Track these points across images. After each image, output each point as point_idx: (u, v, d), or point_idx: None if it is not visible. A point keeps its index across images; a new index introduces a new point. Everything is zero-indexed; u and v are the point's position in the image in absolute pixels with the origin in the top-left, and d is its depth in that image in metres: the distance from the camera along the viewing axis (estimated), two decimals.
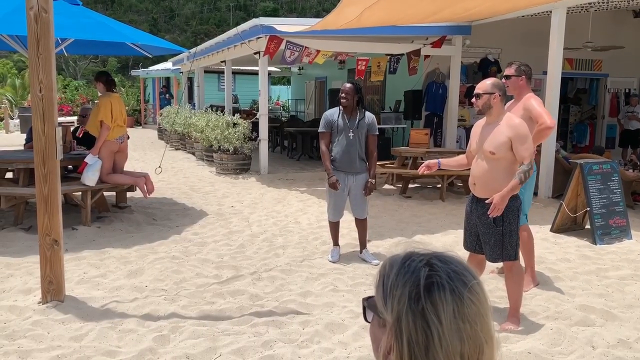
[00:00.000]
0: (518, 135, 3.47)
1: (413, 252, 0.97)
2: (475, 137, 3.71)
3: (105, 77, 6.42)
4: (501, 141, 3.48)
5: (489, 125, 3.60)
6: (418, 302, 0.89)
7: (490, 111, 3.56)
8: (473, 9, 7.53)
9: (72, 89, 28.70)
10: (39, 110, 3.73)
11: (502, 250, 3.54)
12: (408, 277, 0.92)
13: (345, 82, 5.14)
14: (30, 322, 3.59)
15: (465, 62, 10.84)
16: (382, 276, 0.96)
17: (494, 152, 3.49)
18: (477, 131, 3.70)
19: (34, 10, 3.63)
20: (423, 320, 0.88)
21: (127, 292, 4.22)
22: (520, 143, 3.47)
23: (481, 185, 3.59)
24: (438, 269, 0.92)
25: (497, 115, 3.56)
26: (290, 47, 9.29)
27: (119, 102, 6.42)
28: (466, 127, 11.34)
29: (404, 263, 0.94)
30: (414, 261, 0.94)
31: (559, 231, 6.14)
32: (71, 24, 5.57)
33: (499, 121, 3.55)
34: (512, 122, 3.52)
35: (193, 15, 70.41)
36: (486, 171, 3.56)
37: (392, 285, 0.93)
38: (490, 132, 3.56)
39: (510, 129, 3.48)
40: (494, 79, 3.68)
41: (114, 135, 6.29)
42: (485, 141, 3.56)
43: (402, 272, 0.93)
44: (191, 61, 15.96)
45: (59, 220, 3.89)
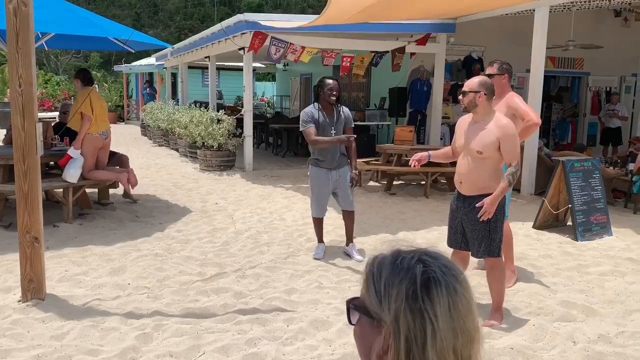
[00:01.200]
0: (506, 135, 3.47)
1: (400, 250, 0.97)
2: (461, 133, 3.70)
3: (83, 74, 6.40)
4: (489, 141, 3.48)
5: (475, 124, 3.59)
6: (416, 299, 0.89)
7: (475, 109, 3.55)
8: (458, 5, 7.56)
9: (54, 84, 28.28)
10: (19, 106, 3.66)
11: (488, 246, 3.58)
12: (403, 275, 0.91)
13: (326, 79, 4.99)
14: (10, 321, 3.53)
15: (449, 59, 10.90)
16: (372, 276, 0.94)
17: (482, 151, 3.49)
18: (463, 128, 3.69)
19: (13, 3, 3.56)
20: (421, 317, 0.88)
21: (110, 290, 4.18)
22: (508, 144, 3.47)
23: (468, 184, 3.60)
24: (431, 265, 0.92)
25: (483, 114, 3.55)
26: (275, 44, 9.25)
27: (98, 96, 6.39)
28: (450, 124, 11.40)
29: (394, 261, 0.94)
30: (404, 259, 0.94)
31: (541, 228, 6.21)
32: (52, 18, 5.48)
33: (487, 120, 3.54)
34: (500, 122, 3.51)
35: (177, 11, 69.79)
36: (473, 170, 3.56)
37: (386, 284, 0.92)
38: (477, 130, 3.55)
39: (499, 129, 3.47)
40: (483, 77, 3.68)
41: (97, 128, 6.23)
42: (472, 140, 3.55)
43: (396, 270, 0.92)
44: (175, 56, 15.83)
45: (40, 218, 3.83)
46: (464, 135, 3.64)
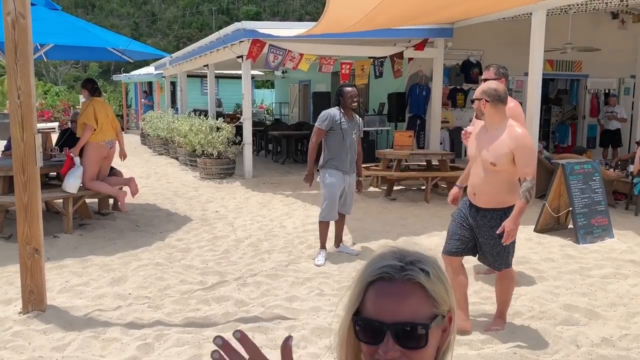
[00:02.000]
0: (521, 147, 3.26)
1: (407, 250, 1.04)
2: (473, 142, 3.53)
3: (91, 85, 6.39)
4: (502, 152, 3.28)
5: (487, 132, 3.42)
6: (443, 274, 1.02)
7: (483, 117, 3.41)
8: (455, 10, 7.59)
9: (53, 95, 28.34)
10: (18, 117, 3.67)
11: (505, 259, 3.47)
12: (434, 262, 1.02)
13: (345, 87, 5.15)
14: (11, 333, 3.52)
15: (447, 64, 10.92)
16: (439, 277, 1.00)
17: (495, 163, 3.31)
18: (475, 136, 3.53)
19: (11, 15, 3.57)
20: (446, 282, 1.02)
21: (111, 300, 4.17)
22: (523, 156, 3.26)
23: (483, 196, 3.42)
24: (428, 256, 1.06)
25: (490, 121, 3.38)
26: (273, 51, 9.27)
27: (102, 106, 6.34)
28: (449, 128, 11.42)
29: (431, 259, 1.02)
30: (424, 252, 1.04)
31: (543, 231, 6.19)
32: (50, 30, 5.50)
33: (499, 129, 3.34)
34: (515, 132, 3.28)
35: (175, 20, 70.03)
36: (487, 182, 3.39)
37: (445, 277, 1.01)
38: (489, 140, 3.37)
39: (513, 140, 3.26)
40: (491, 84, 3.46)
41: (103, 137, 6.22)
42: (483, 149, 3.38)
43: (436, 263, 1.02)
44: (173, 65, 15.87)
45: (40, 229, 3.83)
46: (475, 143, 3.48)
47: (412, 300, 0.96)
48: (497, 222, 3.34)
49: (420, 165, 9.11)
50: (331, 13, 6.22)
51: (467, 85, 11.42)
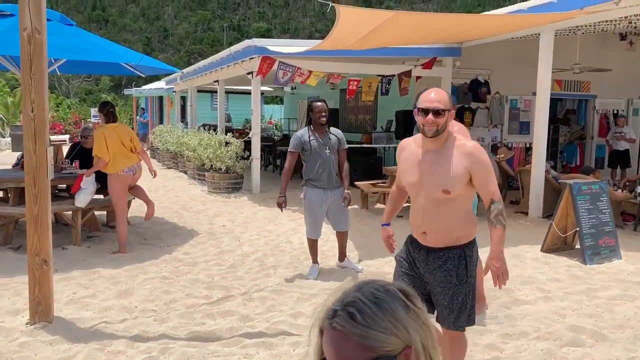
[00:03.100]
0: (479, 164, 2.63)
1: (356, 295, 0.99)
2: (410, 167, 2.77)
3: (106, 109, 6.06)
4: (457, 175, 2.62)
5: (432, 154, 2.70)
6: (409, 309, 0.99)
7: (443, 133, 2.68)
8: (465, 32, 7.66)
9: (65, 108, 28.68)
10: (31, 130, 3.73)
11: (463, 315, 2.70)
12: (390, 300, 0.97)
13: (315, 102, 5.16)
14: (18, 344, 3.54)
15: (455, 83, 10.97)
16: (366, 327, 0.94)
17: (449, 190, 2.63)
18: (413, 159, 2.76)
19: (27, 31, 3.66)
20: (418, 318, 0.99)
21: (117, 312, 4.19)
22: (484, 174, 2.64)
23: (436, 235, 2.70)
24: (387, 283, 1.03)
25: (442, 139, 2.69)
26: (282, 68, 9.37)
27: (115, 132, 5.94)
28: None
29: (374, 299, 0.97)
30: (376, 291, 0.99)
31: (549, 251, 6.17)
32: (64, 45, 5.60)
33: (445, 147, 2.69)
34: (466, 147, 2.65)
35: (187, 35, 70.94)
36: (439, 216, 2.69)
37: (388, 318, 0.95)
38: (435, 163, 2.67)
39: (467, 157, 2.63)
40: (437, 89, 2.78)
41: (120, 166, 5.87)
42: (432, 176, 2.67)
43: (383, 303, 0.97)
44: (184, 80, 16.05)
45: (49, 240, 3.87)
46: (417, 170, 2.73)
47: (342, 348, 0.94)
48: (454, 263, 2.66)
49: None
50: (340, 30, 6.31)
51: (475, 104, 11.46)
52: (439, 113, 2.63)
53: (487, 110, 11.60)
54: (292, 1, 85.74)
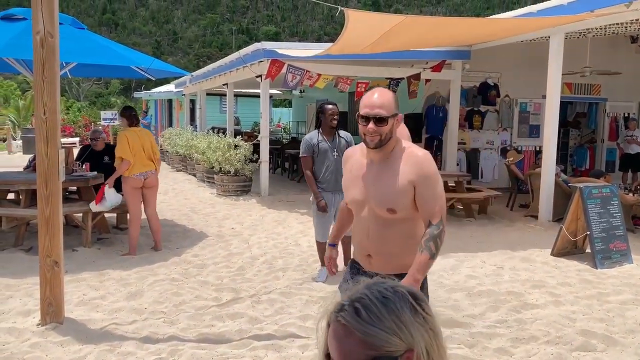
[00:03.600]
0: (424, 175, 2.24)
1: (362, 293, 0.99)
2: (355, 181, 2.39)
3: (129, 112, 6.14)
4: (402, 190, 2.24)
5: (377, 166, 2.32)
6: (416, 312, 0.98)
7: (389, 142, 2.28)
8: (476, 34, 7.65)
9: (75, 111, 28.91)
10: (43, 133, 3.77)
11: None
12: (397, 301, 0.97)
13: (326, 105, 5.19)
14: (29, 345, 3.57)
15: (465, 86, 10.95)
16: (370, 325, 0.94)
17: (394, 208, 2.25)
18: (357, 172, 2.40)
19: (40, 35, 3.69)
20: (426, 323, 0.98)
21: (127, 314, 4.21)
22: (427, 189, 2.23)
23: (381, 259, 2.36)
24: (398, 284, 1.03)
25: (389, 148, 2.30)
26: (291, 71, 9.39)
27: (138, 136, 5.96)
28: (466, 150, 11.41)
29: (381, 298, 0.97)
30: (385, 291, 0.99)
31: (560, 255, 6.13)
32: (76, 48, 5.65)
33: (393, 156, 2.30)
34: (414, 156, 2.27)
35: (196, 38, 71.31)
36: (385, 238, 2.33)
37: (393, 318, 0.95)
38: (381, 176, 2.29)
39: (413, 168, 2.24)
40: (382, 89, 2.34)
41: (135, 170, 5.88)
42: (373, 191, 2.30)
43: (390, 303, 0.97)
44: (193, 84, 16.13)
45: (60, 242, 3.90)
46: (361, 184, 2.35)
47: (344, 342, 0.95)
48: None
49: None
50: (349, 34, 6.33)
51: (485, 107, 11.43)
52: (381, 120, 2.22)
53: (496, 113, 11.57)
54: (300, 4, 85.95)
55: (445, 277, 5.33)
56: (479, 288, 4.94)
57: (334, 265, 2.72)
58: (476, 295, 4.76)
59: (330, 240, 2.79)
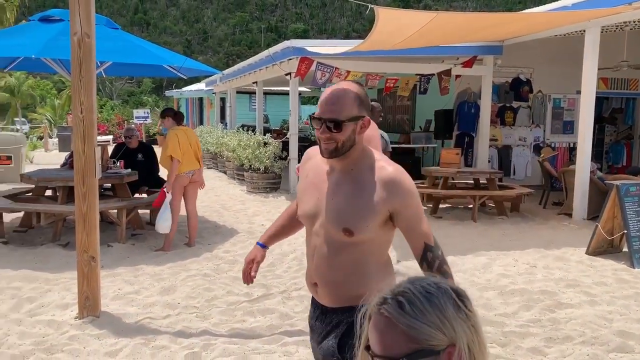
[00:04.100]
0: (405, 196, 1.79)
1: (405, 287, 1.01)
2: (309, 190, 1.96)
3: (173, 112, 6.27)
4: (368, 211, 1.79)
5: (337, 175, 1.87)
6: (459, 308, 0.99)
7: (351, 151, 1.83)
8: (506, 30, 7.52)
9: (108, 109, 29.53)
10: (80, 131, 3.87)
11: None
12: (441, 297, 0.98)
13: (371, 103, 5.21)
14: (68, 337, 3.68)
15: (496, 81, 10.79)
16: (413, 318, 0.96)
17: (352, 230, 1.79)
18: (313, 178, 1.96)
19: (77, 35, 3.79)
20: (468, 320, 1.00)
21: (160, 308, 4.29)
22: (413, 211, 1.81)
23: (327, 289, 1.91)
24: (440, 280, 1.04)
25: (352, 158, 1.85)
26: (321, 69, 9.40)
27: (186, 135, 6.11)
28: (498, 146, 11.24)
29: (425, 293, 0.99)
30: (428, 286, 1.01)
31: (595, 254, 5.99)
32: (110, 48, 5.78)
33: (358, 168, 1.85)
34: (386, 174, 1.80)
35: (226, 37, 71.95)
36: (336, 264, 1.87)
37: (437, 313, 0.96)
38: (341, 189, 1.84)
39: (387, 187, 1.78)
40: (352, 85, 1.86)
41: (184, 168, 6.01)
42: (331, 206, 1.85)
43: (434, 298, 0.98)
44: (223, 82, 16.29)
45: (97, 238, 4.00)
46: (315, 195, 1.92)
47: (387, 334, 0.96)
48: (341, 331, 1.86)
49: (468, 183, 8.99)
50: (379, 30, 6.30)
51: (517, 103, 11.25)
52: (336, 125, 1.78)
53: (529, 109, 11.37)
54: (329, 2, 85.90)
55: (477, 275, 5.28)
56: (512, 287, 4.87)
57: (254, 269, 2.20)
58: (508, 294, 4.70)
59: (262, 240, 2.27)
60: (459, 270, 5.45)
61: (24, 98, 34.36)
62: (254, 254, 2.24)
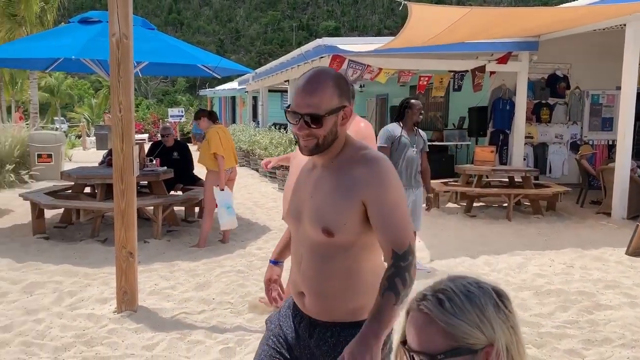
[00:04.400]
0: (377, 184, 1.59)
1: (447, 284, 1.02)
2: (293, 190, 1.83)
3: (208, 112, 6.34)
4: (344, 206, 1.61)
5: (319, 171, 1.72)
6: (499, 309, 1.00)
7: (333, 145, 1.66)
8: (543, 25, 7.37)
9: (144, 108, 30.12)
10: (119, 130, 3.96)
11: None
12: (481, 296, 0.99)
13: (412, 100, 5.18)
14: (107, 330, 3.78)
15: (532, 78, 10.58)
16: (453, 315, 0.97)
17: (333, 231, 1.61)
18: (297, 178, 1.85)
19: (116, 36, 3.88)
20: (507, 320, 1.00)
21: (196, 304, 4.37)
22: (385, 206, 1.58)
23: (317, 301, 1.70)
24: (482, 280, 1.05)
25: (338, 150, 1.69)
26: (352, 66, 9.39)
27: (224, 132, 6.19)
28: (533, 144, 11.03)
29: (465, 292, 0.99)
30: (469, 285, 1.02)
31: (635, 254, 5.82)
32: (147, 48, 5.90)
33: (338, 161, 1.68)
34: (362, 160, 1.64)
35: (257, 36, 72.45)
36: (319, 273, 1.68)
37: (477, 312, 0.97)
38: (320, 185, 1.68)
39: (360, 176, 1.61)
40: (331, 71, 1.67)
41: (224, 165, 6.03)
42: (311, 206, 1.68)
43: (474, 297, 0.99)
44: (256, 81, 16.43)
45: (134, 234, 4.10)
46: (297, 194, 1.78)
47: (425, 330, 0.97)
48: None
49: (502, 181, 8.85)
50: (412, 27, 6.25)
51: (553, 99, 11.01)
52: (315, 120, 1.60)
53: (565, 105, 11.11)
54: None
55: (512, 275, 5.20)
56: (548, 287, 4.78)
57: (274, 289, 2.00)
58: (544, 294, 4.61)
59: (273, 257, 2.04)
60: (493, 270, 5.38)
61: (63, 97, 35.37)
62: (269, 274, 2.03)
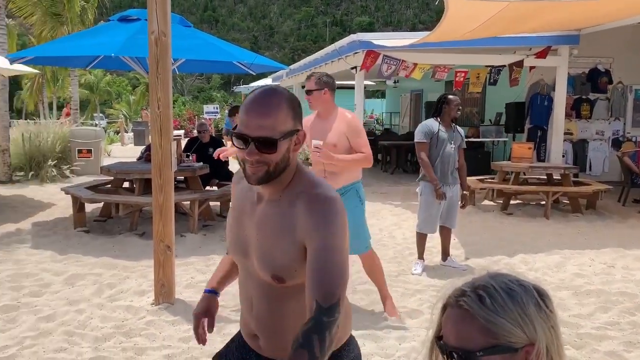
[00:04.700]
0: (319, 225, 1.38)
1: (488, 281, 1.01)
2: (238, 221, 1.59)
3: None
4: (289, 249, 1.44)
5: (265, 206, 1.51)
6: (540, 308, 0.98)
7: (283, 174, 1.47)
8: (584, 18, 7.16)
9: (180, 105, 30.61)
10: (157, 126, 4.04)
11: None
12: (523, 294, 0.97)
13: (450, 95, 5.12)
14: (145, 322, 3.87)
15: (572, 72, 10.30)
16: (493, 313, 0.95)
17: (283, 277, 1.45)
18: (241, 208, 1.59)
19: (154, 34, 3.95)
20: (549, 320, 0.98)
21: (230, 298, 4.42)
22: (321, 251, 1.37)
23: (274, 343, 1.57)
24: (524, 279, 1.03)
25: (287, 180, 1.49)
26: (387, 62, 9.32)
27: None
28: (573, 141, 10.76)
29: (507, 289, 0.98)
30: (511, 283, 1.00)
31: None
32: (184, 45, 6.00)
33: (287, 193, 1.47)
34: (309, 194, 1.44)
35: (291, 32, 72.73)
36: (273, 316, 1.54)
37: (518, 310, 0.96)
38: (267, 224, 1.48)
39: (304, 213, 1.41)
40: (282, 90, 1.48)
41: None
42: (258, 247, 1.49)
43: (516, 295, 0.97)
44: (289, 77, 16.49)
45: (172, 228, 4.18)
46: (241, 229, 1.57)
47: (464, 327, 0.96)
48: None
49: (540, 179, 8.67)
50: (448, 21, 6.17)
51: (594, 95, 10.71)
52: (268, 144, 1.38)
53: (607, 101, 10.79)
54: None
55: (550, 274, 5.09)
56: (587, 287, 4.66)
57: (209, 325, 1.82)
58: (584, 294, 4.50)
59: (210, 284, 1.86)
60: (530, 268, 5.29)
61: (102, 94, 36.27)
62: (206, 306, 1.79)
